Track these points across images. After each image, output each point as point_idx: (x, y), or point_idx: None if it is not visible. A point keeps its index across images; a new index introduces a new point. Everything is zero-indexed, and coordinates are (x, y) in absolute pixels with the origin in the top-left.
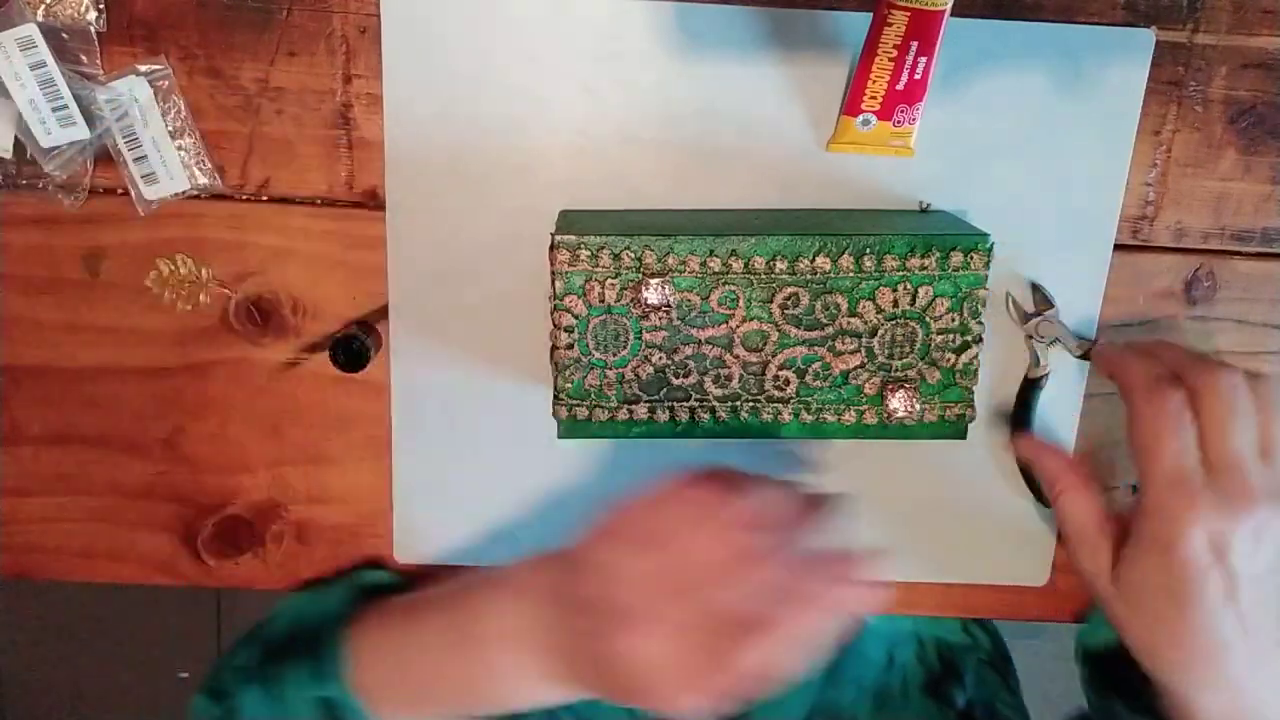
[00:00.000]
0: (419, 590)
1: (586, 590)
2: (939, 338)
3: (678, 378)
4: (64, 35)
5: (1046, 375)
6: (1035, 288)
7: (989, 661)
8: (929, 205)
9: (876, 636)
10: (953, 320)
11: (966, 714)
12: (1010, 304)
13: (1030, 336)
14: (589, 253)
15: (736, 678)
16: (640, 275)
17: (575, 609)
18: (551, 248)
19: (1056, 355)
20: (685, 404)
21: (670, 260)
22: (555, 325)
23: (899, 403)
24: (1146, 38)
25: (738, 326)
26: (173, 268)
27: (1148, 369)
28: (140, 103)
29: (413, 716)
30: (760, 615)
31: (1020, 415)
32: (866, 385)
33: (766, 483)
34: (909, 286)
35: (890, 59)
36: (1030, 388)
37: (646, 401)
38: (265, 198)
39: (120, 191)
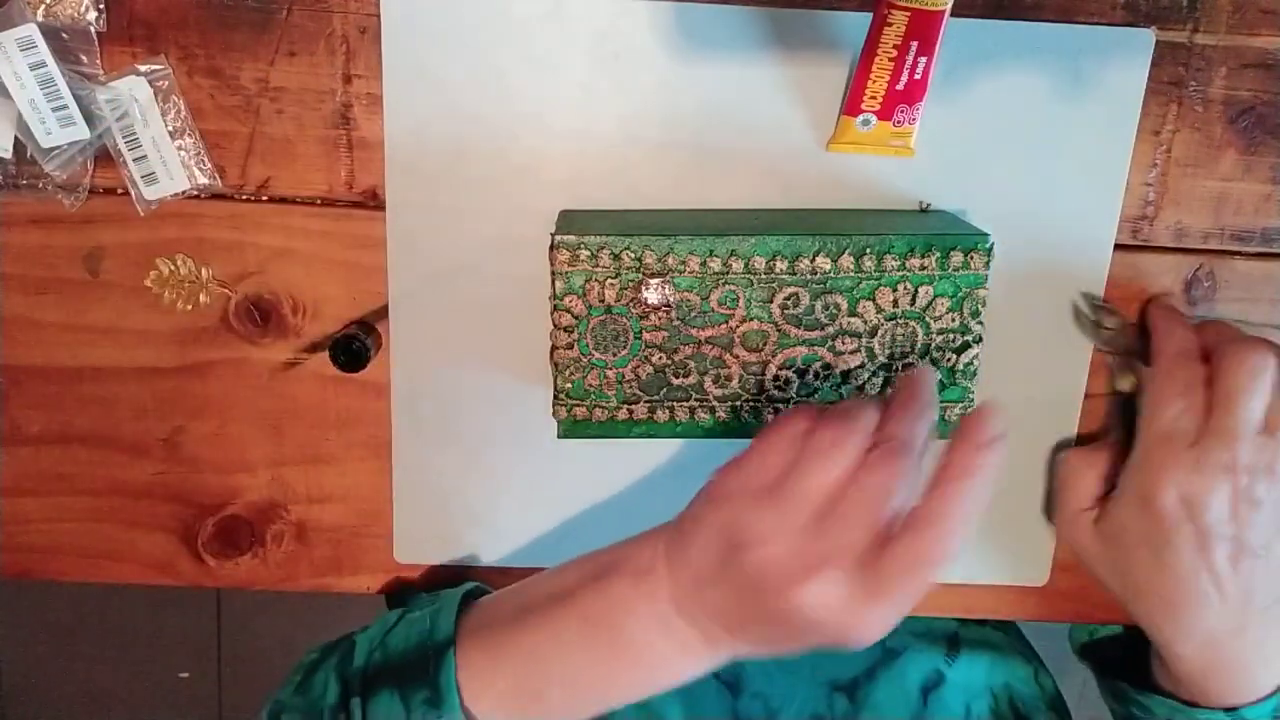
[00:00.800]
0: (508, 598)
1: (726, 557)
2: (939, 338)
3: (678, 378)
4: (64, 35)
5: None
6: (1096, 302)
7: (1055, 708)
8: (929, 205)
9: (955, 689)
10: (953, 320)
11: None
12: (1081, 317)
13: (1111, 352)
14: (589, 253)
15: (908, 579)
16: (640, 275)
17: (722, 578)
18: (551, 248)
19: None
20: (685, 404)
21: (670, 260)
22: (555, 325)
23: None
24: (1146, 38)
25: (738, 326)
26: (173, 268)
27: (1183, 341)
28: (140, 103)
29: None
30: (904, 513)
31: (1122, 438)
32: (867, 385)
33: (839, 405)
34: (909, 286)
35: (890, 59)
36: (1128, 404)
37: (646, 401)
38: (265, 198)
39: (120, 191)
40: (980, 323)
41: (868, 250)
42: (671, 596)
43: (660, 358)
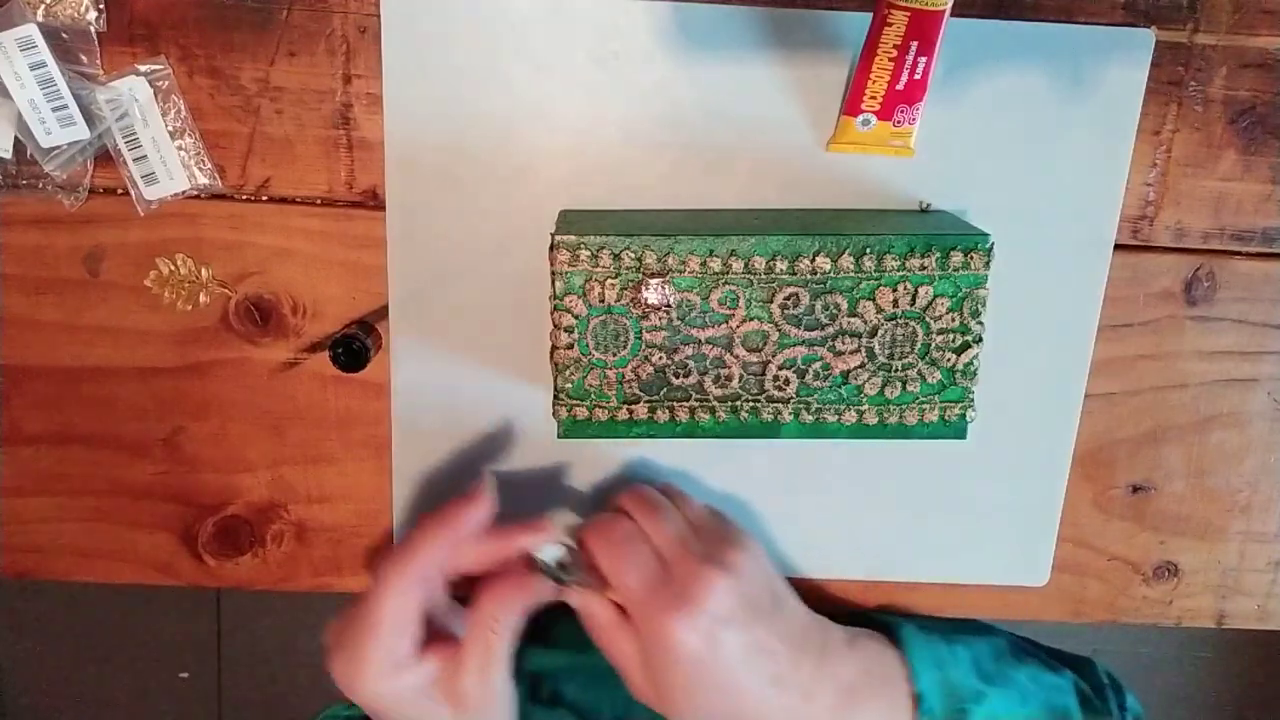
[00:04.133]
0: None
1: None
2: (939, 338)
3: (678, 378)
4: (64, 35)
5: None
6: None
7: None
8: (929, 205)
9: None
10: (953, 320)
11: None
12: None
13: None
14: (589, 253)
15: None
16: (640, 275)
17: None
18: (551, 248)
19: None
20: (685, 404)
21: (670, 260)
22: (555, 325)
23: None
24: (1146, 38)
25: (738, 326)
26: (173, 268)
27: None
28: (140, 103)
29: None
30: None
31: None
32: (866, 385)
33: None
34: (909, 286)
35: (890, 59)
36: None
37: (646, 401)
38: (265, 198)
39: (120, 191)
40: (980, 323)
41: (868, 250)
42: None
43: (660, 358)
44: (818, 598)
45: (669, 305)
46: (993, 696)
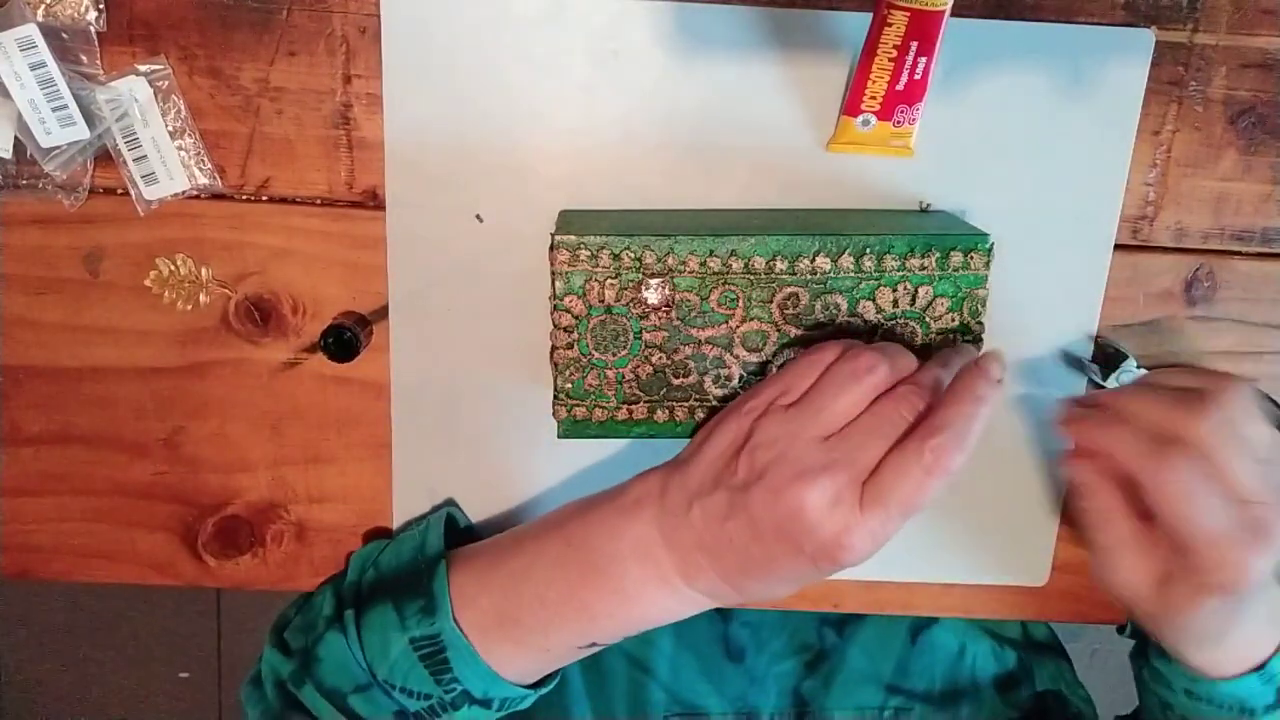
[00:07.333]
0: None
1: (731, 460)
2: (939, 338)
3: (678, 378)
4: (64, 35)
5: None
6: (1102, 342)
7: (1057, 651)
8: (929, 205)
9: (947, 629)
10: (953, 320)
11: (1039, 705)
12: (1086, 368)
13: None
14: (589, 253)
15: (905, 486)
16: (640, 275)
17: (721, 482)
18: (551, 248)
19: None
20: (685, 404)
21: (670, 260)
22: (555, 325)
23: None
24: (1146, 38)
25: (738, 326)
26: (173, 268)
27: (1134, 436)
28: (140, 103)
29: (523, 650)
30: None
31: None
32: None
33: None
34: (909, 286)
35: (890, 59)
36: None
37: (646, 401)
38: (265, 198)
39: (120, 191)
40: (980, 323)
41: (868, 250)
42: (658, 521)
43: (660, 358)
44: (817, 598)
45: (669, 305)
46: None
